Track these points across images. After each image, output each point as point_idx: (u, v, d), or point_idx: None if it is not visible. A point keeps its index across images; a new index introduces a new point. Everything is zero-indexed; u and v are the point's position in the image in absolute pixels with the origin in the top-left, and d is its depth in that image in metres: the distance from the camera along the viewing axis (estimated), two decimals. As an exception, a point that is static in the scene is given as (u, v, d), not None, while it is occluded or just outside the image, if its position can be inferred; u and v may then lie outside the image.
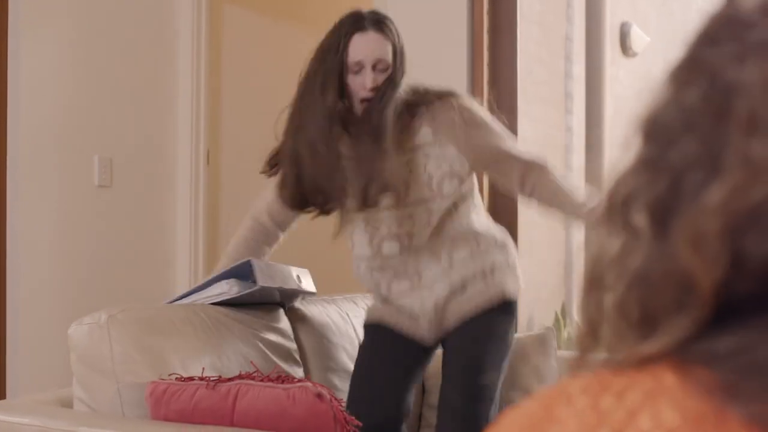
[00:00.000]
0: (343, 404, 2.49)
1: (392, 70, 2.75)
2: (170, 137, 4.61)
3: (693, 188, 0.61)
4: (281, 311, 3.15)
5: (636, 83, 5.44)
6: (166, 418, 2.53)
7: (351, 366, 3.10)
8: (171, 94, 4.61)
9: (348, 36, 2.73)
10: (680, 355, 0.61)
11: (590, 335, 0.68)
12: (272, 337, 3.02)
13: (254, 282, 2.87)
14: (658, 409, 0.58)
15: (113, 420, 2.59)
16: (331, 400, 2.43)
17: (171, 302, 2.99)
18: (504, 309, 2.87)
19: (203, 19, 4.67)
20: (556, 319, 4.52)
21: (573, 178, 3.12)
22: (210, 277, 2.99)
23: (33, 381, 4.11)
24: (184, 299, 2.98)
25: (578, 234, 5.09)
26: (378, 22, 2.75)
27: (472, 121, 2.82)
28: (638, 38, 5.56)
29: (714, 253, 0.60)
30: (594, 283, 0.67)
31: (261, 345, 2.96)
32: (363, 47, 2.73)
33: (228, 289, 2.90)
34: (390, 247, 2.88)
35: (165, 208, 4.59)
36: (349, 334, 3.24)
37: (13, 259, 4.12)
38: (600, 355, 0.67)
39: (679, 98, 0.64)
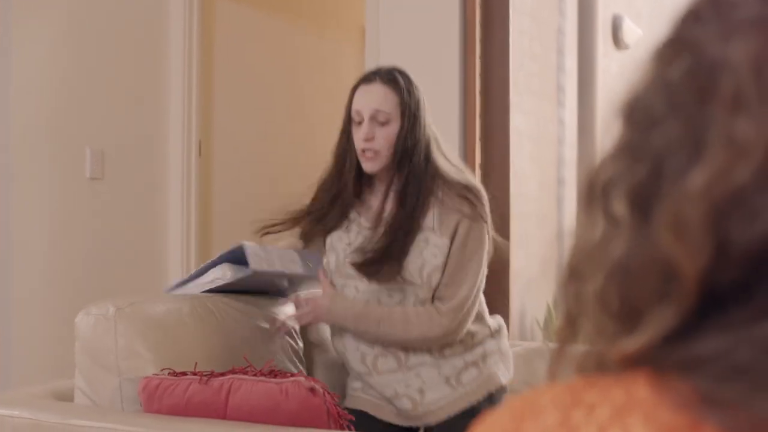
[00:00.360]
0: (337, 399, 2.49)
1: (401, 132, 2.66)
2: (162, 129, 4.60)
3: (675, 172, 0.59)
4: (285, 304, 3.10)
5: (627, 75, 5.44)
6: (159, 413, 2.53)
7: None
8: (163, 86, 4.60)
9: (355, 88, 2.70)
10: (658, 361, 0.59)
11: (569, 327, 0.66)
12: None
13: (247, 266, 2.76)
14: (628, 424, 0.56)
15: (105, 414, 2.59)
16: (324, 394, 2.43)
17: (169, 290, 2.96)
18: (493, 399, 2.79)
19: (195, 11, 4.66)
20: (548, 311, 4.53)
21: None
22: (206, 263, 2.94)
23: (25, 374, 4.11)
24: (180, 288, 2.94)
25: (571, 227, 5.10)
26: (389, 74, 2.69)
27: (470, 238, 2.70)
28: (630, 31, 5.56)
29: (697, 239, 0.57)
30: (573, 273, 0.65)
31: (267, 340, 2.92)
32: (363, 97, 2.68)
33: (221, 274, 2.81)
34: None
35: (157, 200, 4.59)
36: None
37: (4, 252, 4.12)
38: (579, 348, 0.66)
39: (662, 76, 0.62)
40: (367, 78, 2.70)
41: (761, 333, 0.56)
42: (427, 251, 2.68)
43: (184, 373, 2.58)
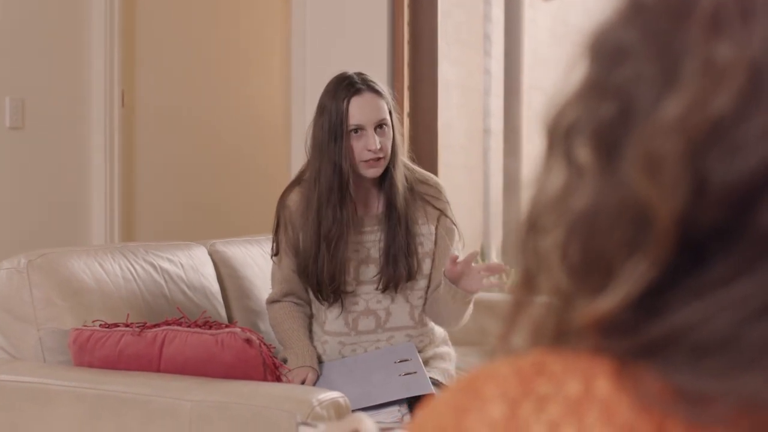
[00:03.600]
0: (273, 350, 2.47)
1: (393, 131, 2.79)
2: (85, 79, 4.50)
3: (647, 107, 0.53)
4: (205, 252, 3.11)
5: (554, 27, 5.45)
6: (91, 365, 2.50)
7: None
8: (85, 35, 4.49)
9: (346, 100, 2.74)
10: (624, 338, 0.53)
11: (526, 286, 0.59)
12: (196, 279, 2.98)
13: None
14: (586, 424, 0.51)
15: (37, 367, 2.55)
16: (260, 345, 2.42)
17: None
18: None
19: (117, -44, 4.55)
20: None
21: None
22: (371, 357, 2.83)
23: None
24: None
25: (497, 177, 5.12)
26: (370, 83, 2.78)
27: (448, 229, 2.89)
28: (556, -19, 5.57)
29: (672, 177, 0.51)
30: (532, 226, 0.58)
31: (186, 288, 2.93)
32: (362, 110, 2.74)
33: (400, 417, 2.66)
34: (366, 324, 2.84)
35: (79, 151, 4.50)
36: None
37: None
38: (536, 310, 0.59)
39: (636, 3, 0.56)
40: (354, 89, 2.75)
41: (741, 293, 0.51)
42: (416, 241, 2.84)
43: (116, 325, 2.55)
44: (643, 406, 0.51)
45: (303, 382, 2.63)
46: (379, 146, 2.71)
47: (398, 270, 2.79)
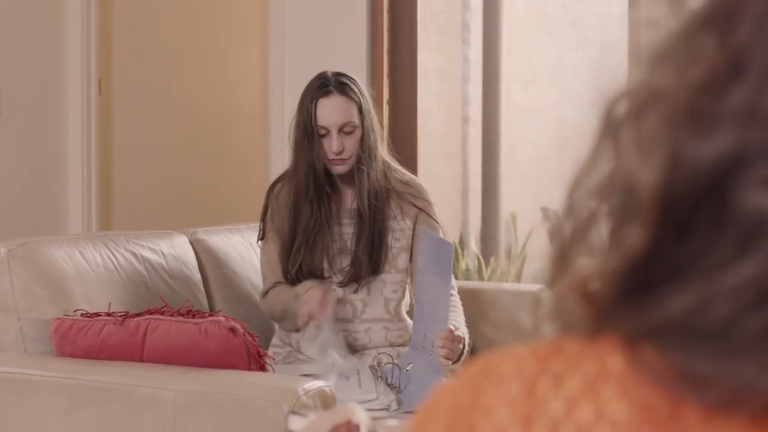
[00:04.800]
0: (257, 339, 2.45)
1: (363, 133, 2.84)
2: (62, 66, 4.46)
3: None
4: (186, 241, 3.09)
5: (533, 16, 5.46)
6: (73, 355, 2.48)
7: (255, 297, 3.07)
8: (61, 22, 4.45)
9: (314, 101, 2.82)
10: (630, 323, 0.53)
11: (559, 261, 0.59)
12: (178, 269, 2.97)
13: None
14: (602, 399, 0.52)
15: (18, 357, 2.52)
16: (244, 334, 2.40)
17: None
18: None
19: (93, -58, 4.51)
20: (455, 251, 4.55)
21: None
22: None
23: None
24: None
25: (476, 165, 5.12)
26: (342, 85, 2.84)
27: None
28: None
29: (651, 149, 0.52)
30: (571, 207, 0.59)
31: (167, 278, 2.91)
32: (327, 113, 2.82)
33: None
34: (344, 312, 2.89)
35: (56, 139, 4.46)
36: (253, 264, 3.19)
37: None
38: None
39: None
40: (323, 91, 2.83)
41: (736, 278, 0.50)
42: (390, 237, 2.90)
43: (98, 314, 2.52)
44: (657, 381, 0.51)
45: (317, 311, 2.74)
46: (339, 149, 2.80)
47: (362, 265, 2.85)
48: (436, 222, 2.94)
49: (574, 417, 0.52)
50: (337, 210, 2.90)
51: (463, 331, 2.68)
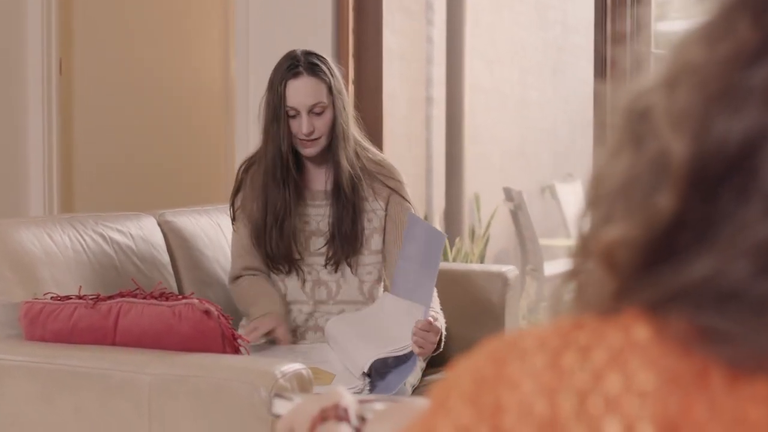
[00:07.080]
0: (231, 321, 2.43)
1: (334, 113, 2.83)
2: (21, 46, 4.39)
3: None
4: (154, 222, 3.07)
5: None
6: (43, 339, 2.44)
7: (224, 279, 3.06)
8: (21, 2, 4.39)
9: (284, 82, 2.80)
10: (654, 292, 0.54)
11: (582, 251, 0.61)
12: (146, 250, 2.94)
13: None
14: (629, 370, 0.52)
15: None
16: (219, 317, 2.38)
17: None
18: None
19: None
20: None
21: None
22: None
23: None
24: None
25: (440, 145, 5.11)
26: (312, 65, 2.82)
27: (401, 213, 2.90)
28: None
29: (687, 121, 0.54)
30: (593, 203, 0.60)
31: (136, 260, 2.88)
32: (297, 93, 2.80)
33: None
34: (320, 294, 2.90)
35: (17, 120, 4.40)
36: (221, 246, 3.17)
37: None
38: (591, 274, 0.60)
39: None
40: (292, 72, 2.81)
41: (757, 238, 0.52)
42: (363, 218, 2.90)
43: (68, 297, 2.49)
44: (683, 348, 0.52)
45: (270, 335, 2.73)
46: (309, 130, 2.79)
47: (344, 246, 2.85)
48: (408, 202, 2.94)
49: (602, 388, 0.52)
50: (308, 191, 2.90)
51: (441, 324, 2.65)
